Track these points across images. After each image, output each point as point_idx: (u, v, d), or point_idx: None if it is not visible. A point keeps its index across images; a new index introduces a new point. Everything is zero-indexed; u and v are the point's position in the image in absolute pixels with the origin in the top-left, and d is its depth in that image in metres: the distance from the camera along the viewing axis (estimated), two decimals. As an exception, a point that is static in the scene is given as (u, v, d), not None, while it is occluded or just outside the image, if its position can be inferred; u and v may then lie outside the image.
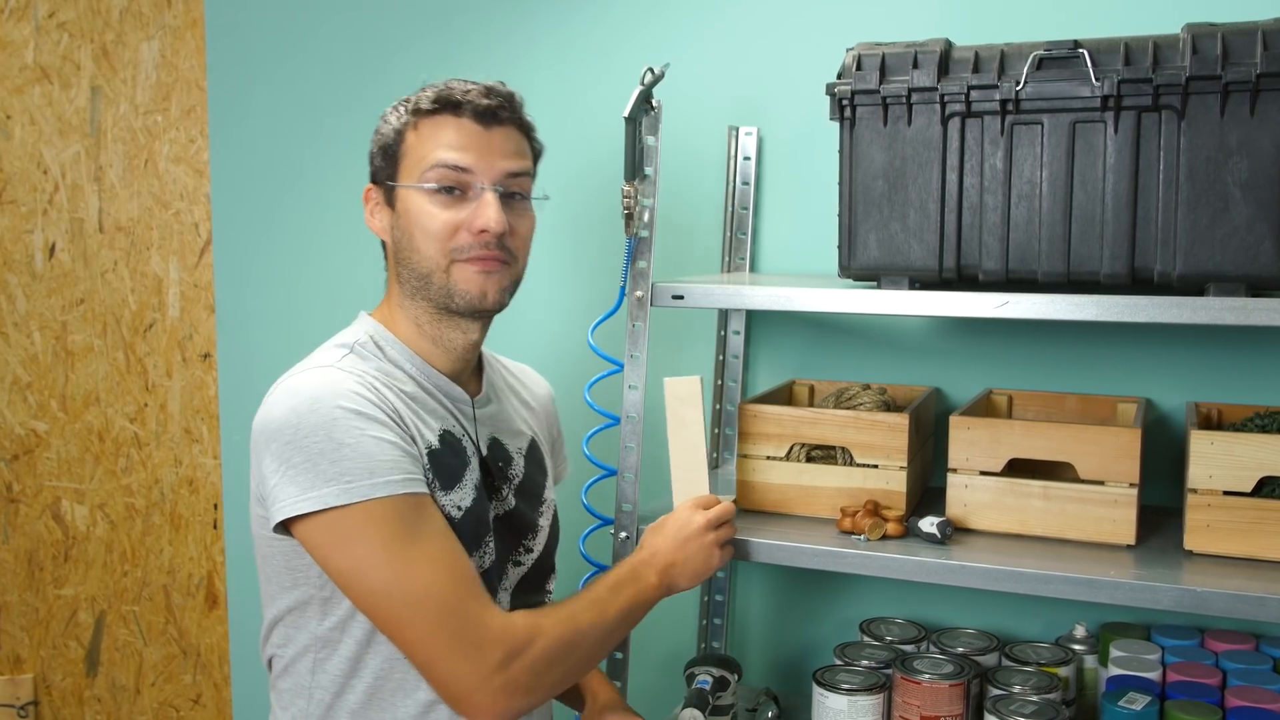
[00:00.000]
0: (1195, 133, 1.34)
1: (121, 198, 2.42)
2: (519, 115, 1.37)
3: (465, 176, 1.31)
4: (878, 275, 1.50)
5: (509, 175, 1.33)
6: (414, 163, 1.32)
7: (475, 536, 1.32)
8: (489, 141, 1.32)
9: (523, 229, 1.37)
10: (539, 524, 1.46)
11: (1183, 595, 1.33)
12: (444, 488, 1.30)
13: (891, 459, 1.57)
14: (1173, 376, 1.71)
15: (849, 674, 1.61)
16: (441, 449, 1.31)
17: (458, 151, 1.30)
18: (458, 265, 1.31)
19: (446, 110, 1.32)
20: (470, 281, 1.32)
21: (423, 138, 1.32)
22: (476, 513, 1.33)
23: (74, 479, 2.50)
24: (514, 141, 1.35)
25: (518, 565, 1.42)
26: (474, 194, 1.31)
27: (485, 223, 1.29)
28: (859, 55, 1.49)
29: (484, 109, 1.32)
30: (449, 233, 1.30)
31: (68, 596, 2.53)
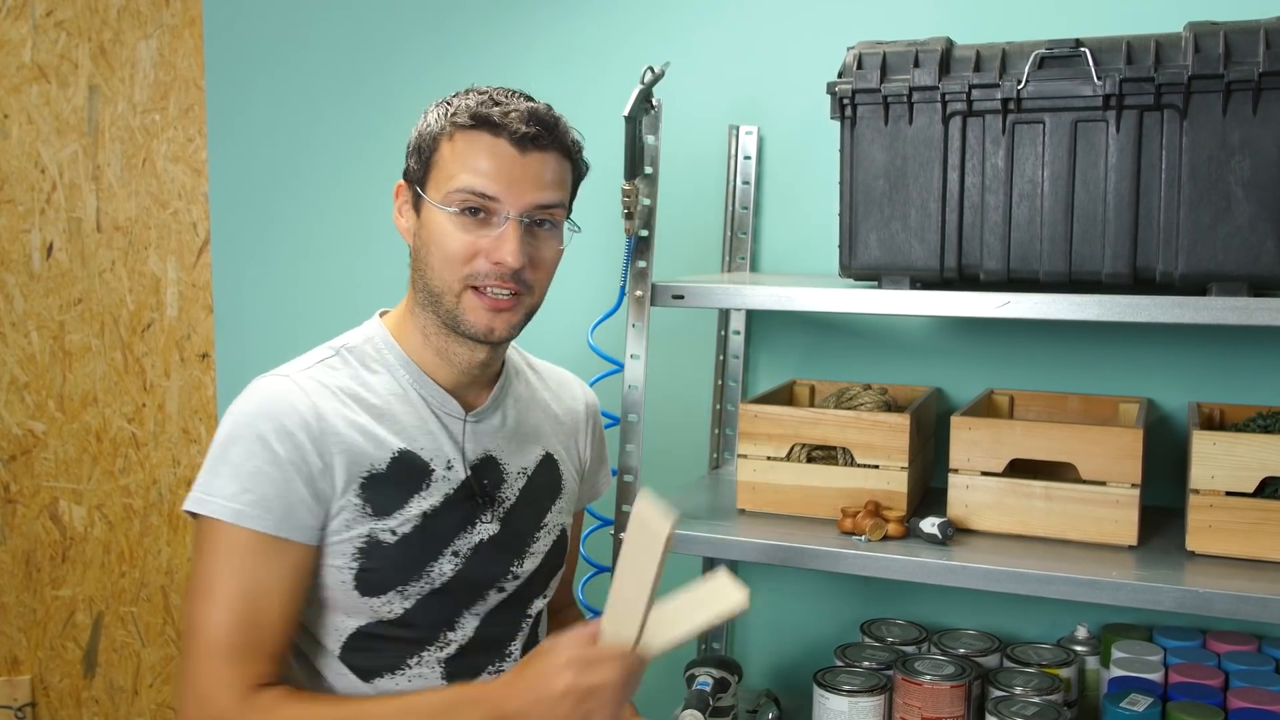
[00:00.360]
0: (1197, 132, 1.34)
1: (119, 197, 2.42)
2: (562, 140, 1.30)
3: (491, 203, 1.25)
4: (879, 275, 1.50)
5: (537, 206, 1.27)
6: (443, 177, 1.27)
7: (419, 560, 1.29)
8: (523, 169, 1.26)
9: (545, 258, 1.31)
10: (529, 549, 1.39)
11: (1185, 596, 1.33)
12: (377, 514, 1.26)
13: (892, 459, 1.57)
14: (1175, 376, 1.71)
15: (850, 675, 1.61)
16: (387, 473, 1.28)
17: (486, 178, 1.25)
18: (470, 293, 1.27)
19: (483, 128, 1.25)
20: (478, 314, 1.27)
21: (456, 152, 1.26)
22: (425, 538, 1.29)
23: (72, 479, 2.49)
24: (550, 169, 1.28)
25: (500, 590, 1.36)
26: (498, 221, 1.26)
27: (503, 256, 1.25)
28: (860, 54, 1.49)
29: (522, 135, 1.25)
30: (466, 257, 1.26)
31: (65, 597, 2.53)
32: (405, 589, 1.28)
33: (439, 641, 1.32)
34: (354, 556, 1.26)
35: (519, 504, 1.38)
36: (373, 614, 1.28)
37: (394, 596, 1.28)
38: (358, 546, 1.26)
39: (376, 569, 1.27)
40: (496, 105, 1.26)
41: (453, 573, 1.31)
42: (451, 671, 1.33)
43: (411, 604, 1.29)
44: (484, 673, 1.35)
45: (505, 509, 1.36)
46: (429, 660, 1.32)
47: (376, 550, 1.26)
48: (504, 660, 1.37)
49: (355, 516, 1.25)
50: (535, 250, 1.29)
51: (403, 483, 1.29)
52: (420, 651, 1.31)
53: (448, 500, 1.31)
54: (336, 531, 1.25)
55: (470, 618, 1.34)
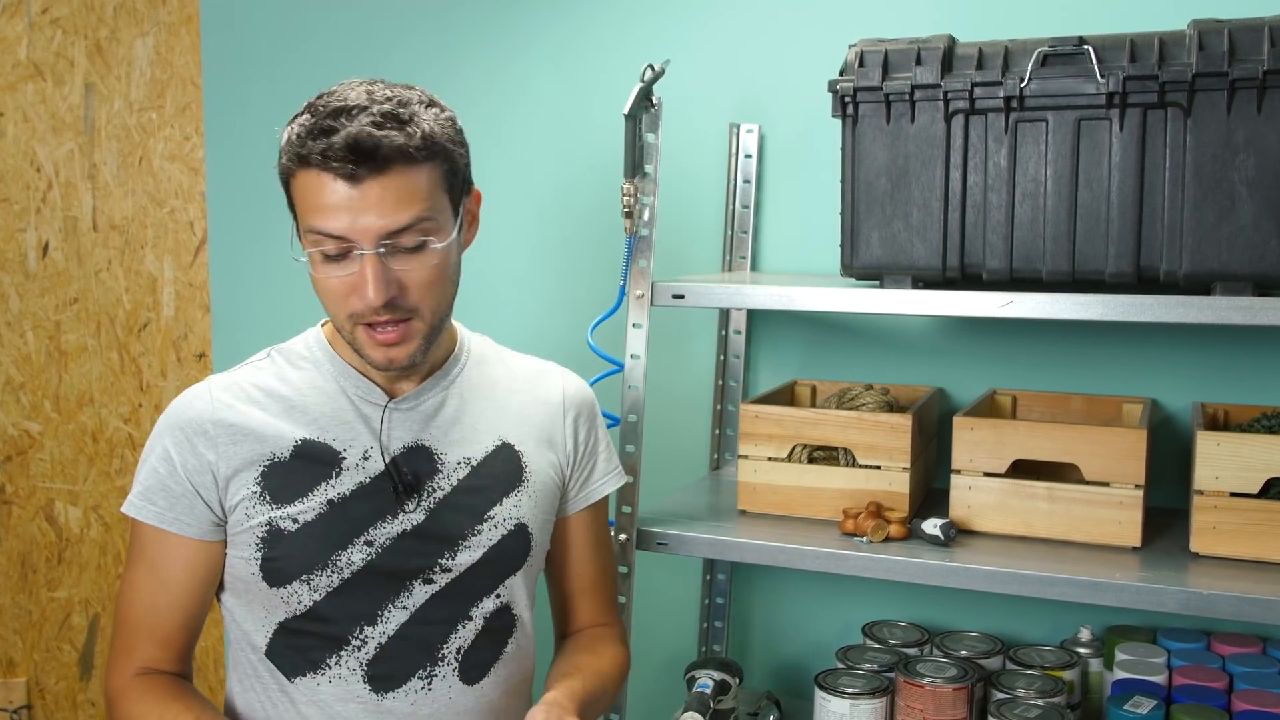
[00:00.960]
0: (1201, 130, 1.34)
1: (115, 196, 2.42)
2: (399, 154, 1.18)
3: (341, 243, 1.20)
4: (880, 274, 1.50)
5: (389, 234, 1.20)
6: (301, 215, 1.24)
7: (324, 548, 1.28)
8: (361, 200, 1.18)
9: (422, 279, 1.23)
10: (465, 542, 1.33)
11: (1189, 598, 1.33)
12: (277, 501, 1.28)
13: (894, 460, 1.57)
14: (1179, 377, 1.71)
15: (851, 677, 1.61)
16: (289, 462, 1.29)
17: (326, 218, 1.19)
18: (360, 329, 1.26)
19: (310, 167, 1.19)
20: (375, 349, 1.26)
21: (299, 192, 1.23)
22: (330, 526, 1.29)
23: (67, 480, 2.50)
24: (395, 190, 1.19)
25: (428, 583, 1.32)
26: (356, 257, 1.21)
27: (364, 296, 1.21)
28: (861, 51, 1.49)
29: (347, 172, 1.17)
30: (343, 296, 1.23)
31: (61, 599, 2.53)
32: (311, 578, 1.28)
33: (357, 638, 1.30)
34: (257, 546, 1.28)
35: (455, 494, 1.34)
36: (285, 607, 1.29)
37: (300, 587, 1.28)
38: (259, 536, 1.28)
39: (279, 557, 1.28)
40: (319, 137, 1.18)
41: (364, 562, 1.29)
42: (373, 675, 1.30)
43: (321, 596, 1.29)
44: (412, 677, 1.31)
45: (436, 499, 1.33)
46: (348, 662, 1.30)
47: (278, 539, 1.28)
48: (436, 664, 1.32)
49: (254, 505, 1.28)
50: (405, 275, 1.22)
51: (306, 471, 1.30)
52: (338, 650, 1.30)
53: (361, 489, 1.30)
54: (239, 523, 1.29)
55: (395, 611, 1.31)
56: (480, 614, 1.35)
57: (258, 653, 1.32)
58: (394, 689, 1.31)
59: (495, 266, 2.08)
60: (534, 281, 2.08)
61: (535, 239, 2.08)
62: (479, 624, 1.35)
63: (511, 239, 2.07)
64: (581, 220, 2.04)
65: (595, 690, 1.37)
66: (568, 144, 2.04)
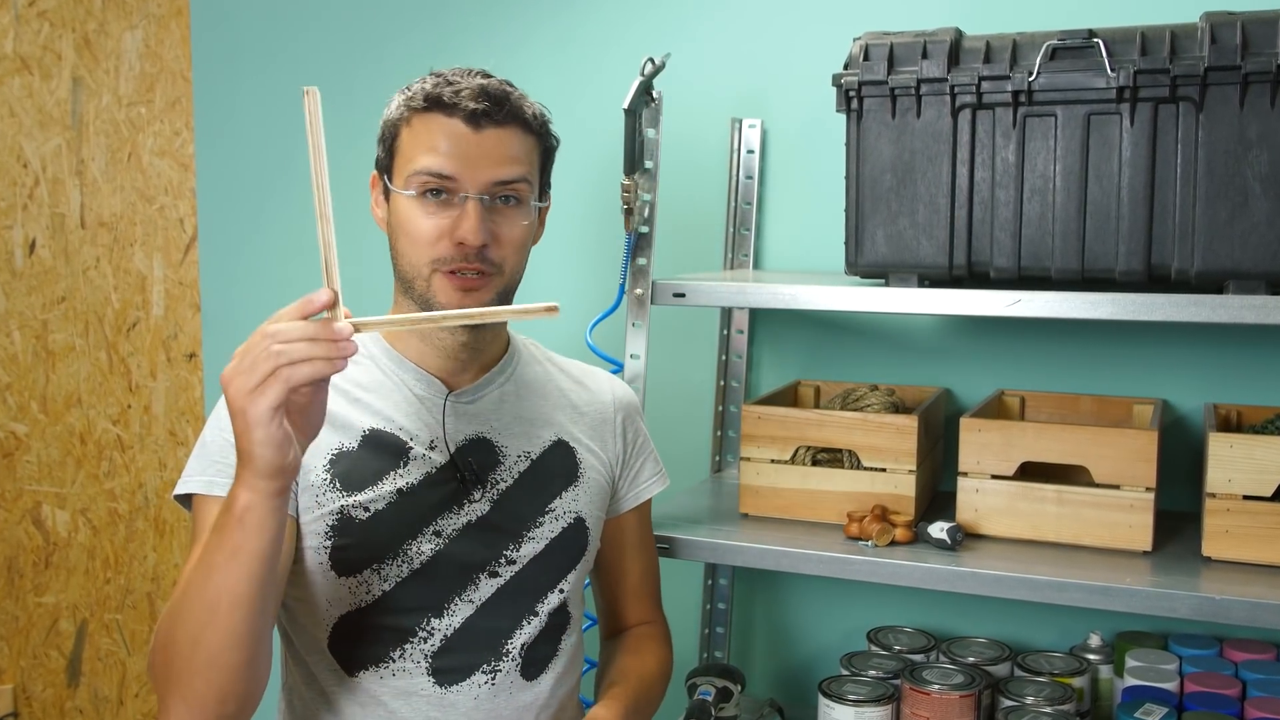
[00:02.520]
0: (1214, 125, 1.34)
1: (104, 192, 2.42)
2: (518, 114, 1.32)
3: (449, 183, 1.29)
4: (885, 272, 1.50)
5: (497, 183, 1.30)
6: (404, 162, 1.32)
7: (395, 537, 1.31)
8: (478, 146, 1.29)
9: (512, 235, 1.32)
10: (528, 533, 1.38)
11: (1201, 603, 1.33)
12: (346, 489, 1.30)
13: (900, 462, 1.57)
14: (1190, 377, 1.71)
15: (856, 685, 1.61)
16: (357, 451, 1.32)
17: (442, 158, 1.28)
18: (439, 276, 1.30)
19: (437, 109, 1.29)
20: (448, 295, 1.30)
21: (414, 136, 1.31)
22: (400, 515, 1.31)
23: (55, 483, 2.50)
24: (508, 145, 1.31)
25: (494, 576, 1.35)
26: (458, 201, 1.29)
27: (462, 235, 1.28)
28: (866, 45, 1.49)
29: (473, 112, 1.28)
30: (431, 240, 1.30)
31: (48, 604, 2.53)
32: (382, 567, 1.30)
33: (424, 629, 1.32)
34: (327, 534, 1.29)
35: (517, 486, 1.38)
36: (352, 597, 1.30)
37: (370, 576, 1.29)
38: (330, 524, 1.29)
39: (350, 545, 1.29)
40: (449, 85, 1.30)
41: (433, 553, 1.31)
42: (438, 668, 1.32)
43: (391, 586, 1.30)
44: (476, 671, 1.33)
45: (500, 491, 1.37)
46: (413, 654, 1.31)
47: (349, 527, 1.29)
48: (500, 659, 1.35)
49: (325, 493, 1.29)
50: (499, 228, 1.31)
51: (375, 460, 1.32)
52: (403, 643, 1.31)
53: (428, 479, 1.33)
54: (309, 509, 1.29)
55: (462, 604, 1.33)
56: (546, 610, 1.39)
57: (318, 648, 1.32)
58: (458, 682, 1.33)
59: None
60: (531, 279, 2.08)
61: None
62: (544, 620, 1.38)
63: (509, 236, 2.07)
64: (580, 217, 2.04)
65: (642, 699, 1.43)
66: (566, 139, 2.02)
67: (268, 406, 1.04)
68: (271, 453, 1.06)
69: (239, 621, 1.12)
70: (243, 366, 1.05)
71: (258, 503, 1.09)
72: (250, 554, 1.10)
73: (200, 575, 1.13)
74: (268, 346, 1.04)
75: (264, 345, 1.04)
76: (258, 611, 1.13)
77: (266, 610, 1.15)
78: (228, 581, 1.11)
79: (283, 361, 1.04)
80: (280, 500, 1.10)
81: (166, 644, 1.16)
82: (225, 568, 1.11)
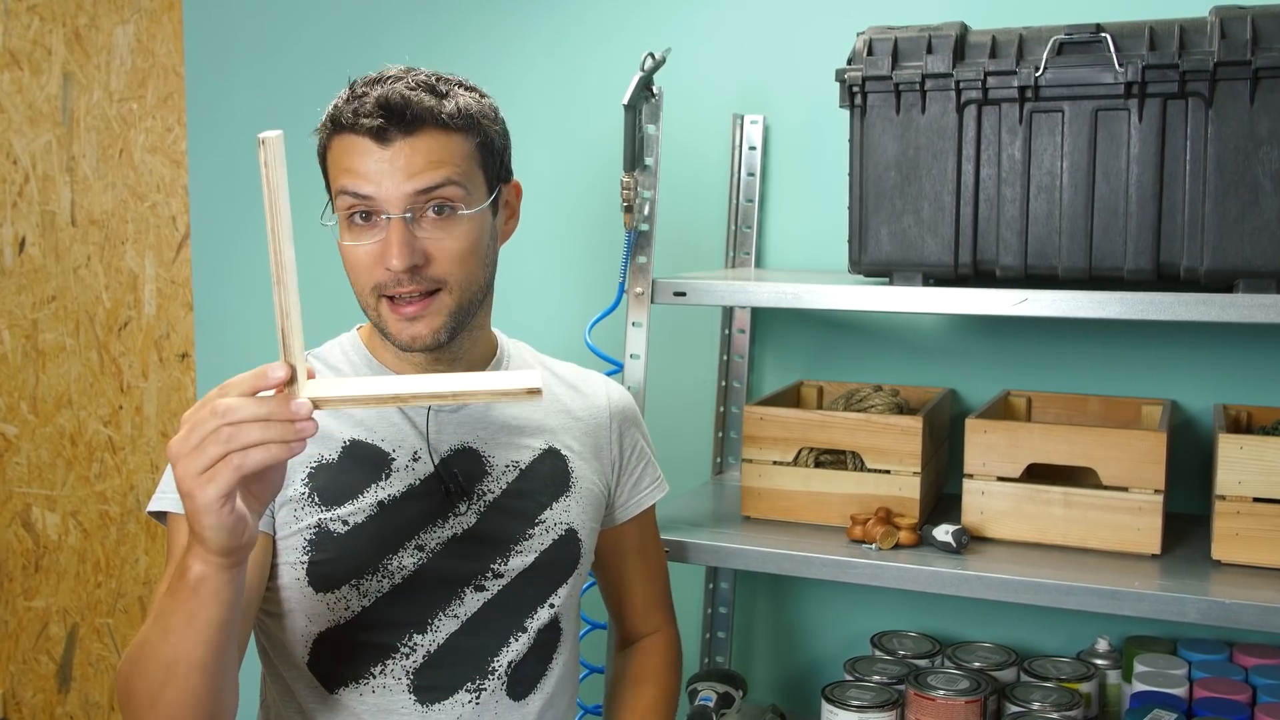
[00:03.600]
0: (1224, 121, 1.34)
1: (95, 189, 2.42)
2: (428, 118, 1.23)
3: (369, 204, 1.23)
4: (890, 271, 1.50)
5: (419, 193, 1.22)
6: (332, 183, 1.27)
7: (375, 551, 1.28)
8: (389, 162, 1.22)
9: (450, 249, 1.25)
10: (515, 546, 1.34)
11: (1210, 607, 1.33)
12: (326, 503, 1.28)
13: (904, 464, 1.57)
14: (1200, 377, 1.71)
15: (859, 690, 1.61)
16: (337, 462, 1.29)
17: (356, 179, 1.22)
18: (384, 303, 1.27)
19: (342, 130, 1.23)
20: (397, 326, 1.27)
21: (334, 159, 1.26)
22: (381, 528, 1.29)
23: (45, 485, 2.50)
24: (425, 152, 1.22)
25: (480, 590, 1.32)
26: (382, 223, 1.23)
27: (387, 261, 1.23)
28: (870, 39, 1.49)
29: (373, 129, 1.21)
30: (367, 266, 1.26)
31: (38, 609, 2.53)
32: (361, 583, 1.28)
33: (405, 646, 1.30)
34: (305, 550, 1.27)
35: (505, 497, 1.35)
36: (331, 614, 1.28)
37: (349, 592, 1.28)
38: (308, 539, 1.27)
39: (327, 561, 1.27)
40: (351, 102, 1.24)
41: (415, 567, 1.30)
42: (419, 685, 1.30)
43: (370, 602, 1.29)
44: (460, 690, 1.31)
45: (487, 502, 1.34)
46: (394, 671, 1.30)
47: (327, 541, 1.27)
48: (485, 677, 1.32)
49: (303, 507, 1.27)
50: (432, 243, 1.24)
51: (356, 472, 1.30)
52: (384, 660, 1.29)
53: (412, 491, 1.31)
54: (286, 524, 1.27)
55: (446, 620, 1.31)
56: (535, 626, 1.36)
57: (297, 669, 1.31)
58: (440, 700, 1.31)
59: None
60: (529, 278, 2.08)
61: (531, 234, 2.08)
62: (532, 636, 1.35)
63: (506, 234, 2.07)
64: (579, 215, 2.04)
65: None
66: (565, 135, 2.04)
67: (216, 495, 0.97)
68: (224, 537, 1.01)
69: (197, 683, 1.09)
70: (189, 444, 0.97)
71: (212, 575, 1.04)
72: (206, 621, 1.07)
73: (157, 634, 1.09)
74: (216, 428, 0.96)
75: (211, 424, 0.96)
76: (215, 672, 1.10)
77: (227, 667, 1.13)
78: (184, 646, 1.08)
79: (234, 447, 0.96)
80: (237, 570, 1.06)
81: (127, 691, 1.14)
82: (181, 633, 1.07)
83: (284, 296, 0.99)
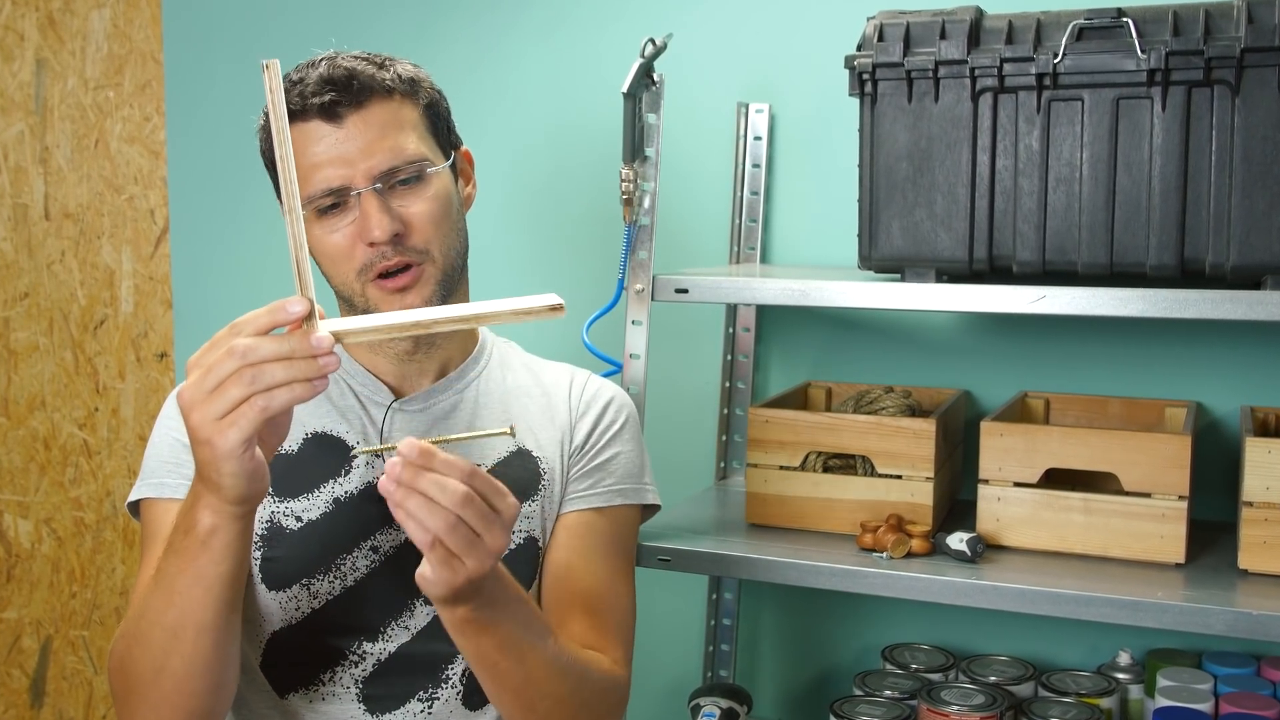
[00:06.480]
0: (1251, 110, 1.34)
1: (69, 181, 2.42)
2: (375, 86, 1.26)
3: (339, 194, 1.26)
4: (901, 267, 1.50)
5: (383, 173, 1.26)
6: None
7: (328, 550, 1.29)
8: (347, 140, 1.25)
9: (425, 214, 1.28)
10: None
11: (1237, 619, 1.33)
12: (280, 495, 1.29)
13: (917, 469, 1.57)
14: (1226, 378, 1.71)
15: (870, 705, 1.61)
16: (298, 454, 1.31)
17: (320, 167, 1.25)
18: (372, 286, 1.28)
19: (295, 120, 1.25)
20: (387, 303, 1.28)
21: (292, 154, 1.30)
22: (335, 526, 1.29)
23: (17, 491, 2.50)
24: (377, 124, 1.26)
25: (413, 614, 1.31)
26: (354, 202, 1.26)
27: (369, 234, 1.25)
28: (881, 24, 1.49)
29: (323, 106, 1.24)
30: (347, 252, 1.27)
31: (10, 620, 2.53)
32: (312, 583, 1.29)
33: (354, 653, 1.30)
34: (257, 545, 1.28)
35: None
36: (282, 613, 1.29)
37: (299, 591, 1.28)
38: (260, 533, 1.28)
39: (279, 558, 1.28)
40: (293, 88, 1.26)
41: (367, 569, 1.30)
42: (369, 695, 1.30)
43: (321, 604, 1.29)
44: (411, 699, 1.31)
45: None
46: (343, 679, 1.30)
47: (279, 537, 1.28)
48: (439, 686, 1.32)
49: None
50: (408, 210, 1.27)
51: (315, 465, 1.31)
52: (334, 666, 1.30)
53: (369, 489, 1.31)
54: None
55: (397, 630, 1.31)
56: None
57: (250, 671, 1.31)
58: (391, 710, 1.31)
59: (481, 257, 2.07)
60: (524, 274, 2.08)
61: (526, 228, 2.08)
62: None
63: (500, 228, 2.07)
64: (576, 208, 2.04)
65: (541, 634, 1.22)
66: (561, 125, 2.04)
67: (239, 439, 0.97)
68: (244, 484, 1.01)
69: (207, 648, 1.10)
70: (205, 388, 0.97)
71: (224, 525, 1.05)
72: (216, 578, 1.07)
73: (161, 599, 1.10)
74: (236, 368, 0.96)
75: (230, 366, 0.96)
76: (225, 634, 1.11)
77: (234, 629, 1.13)
78: (191, 607, 1.08)
79: (257, 388, 0.96)
80: (248, 521, 1.07)
81: (125, 667, 1.14)
82: (189, 593, 1.07)
83: (296, 227, 0.99)
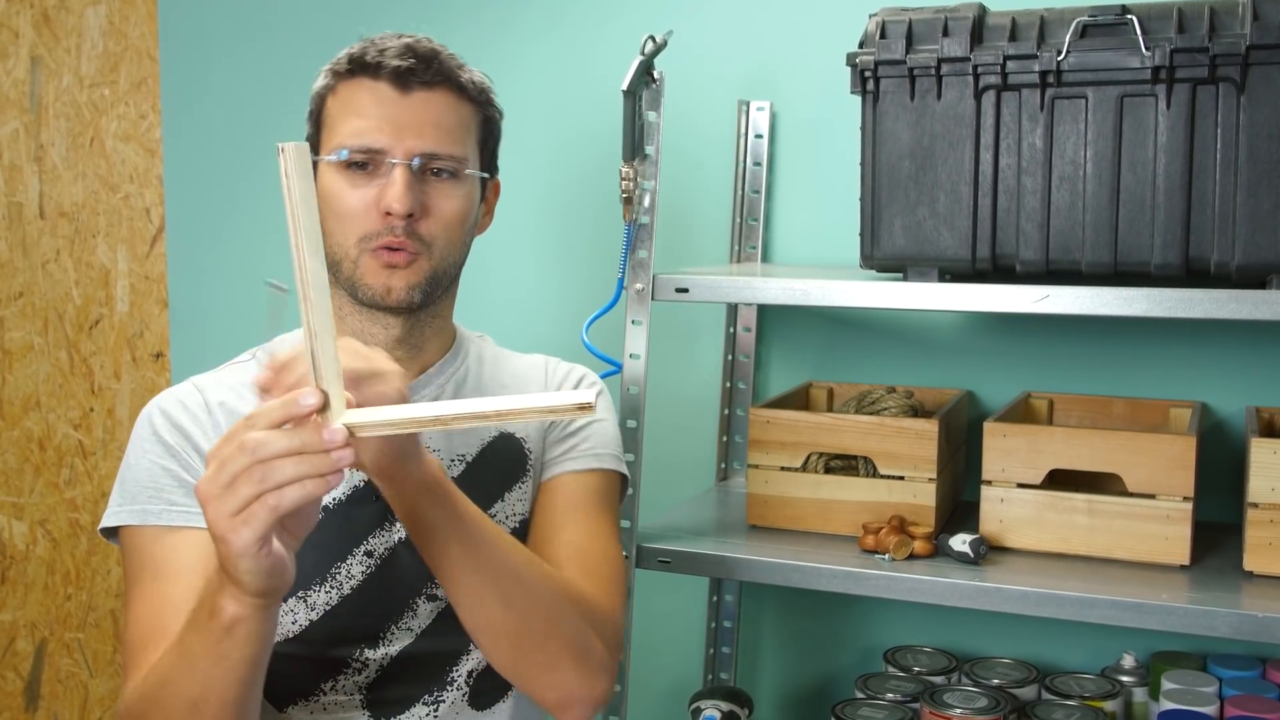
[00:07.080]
0: (1256, 108, 1.34)
1: (65, 180, 2.42)
2: (450, 76, 1.30)
3: (377, 155, 1.27)
4: (904, 266, 1.50)
5: (428, 155, 1.28)
6: (330, 134, 1.30)
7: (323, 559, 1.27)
8: (407, 110, 1.27)
9: (444, 211, 1.29)
10: None
11: (1242, 621, 1.33)
12: None
13: (919, 470, 1.57)
14: (1231, 378, 1.71)
15: (872, 709, 1.61)
16: None
17: (368, 122, 1.27)
18: (367, 256, 1.28)
19: (362, 73, 1.29)
20: (374, 275, 1.28)
21: (339, 104, 1.30)
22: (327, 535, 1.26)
23: (11, 492, 2.50)
24: (438, 110, 1.29)
25: (433, 599, 1.30)
26: (385, 169, 1.27)
27: (388, 203, 1.25)
28: (883, 21, 1.49)
29: (400, 70, 1.27)
30: (358, 214, 1.27)
31: (5, 622, 2.53)
32: (309, 595, 1.27)
33: (356, 662, 1.29)
34: None
35: None
36: (279, 628, 1.25)
37: (296, 605, 1.27)
38: None
39: None
40: (374, 45, 1.29)
41: (364, 575, 1.29)
42: (373, 700, 1.29)
43: (319, 615, 1.27)
44: (417, 703, 1.30)
45: None
46: (346, 686, 1.29)
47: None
48: (445, 688, 1.31)
49: None
50: (430, 200, 1.29)
51: None
52: (335, 675, 1.28)
53: (356, 494, 1.30)
54: None
55: (400, 633, 1.30)
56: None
57: None
58: (396, 714, 1.30)
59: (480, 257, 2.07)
60: (523, 273, 2.08)
61: (525, 227, 2.08)
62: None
63: (498, 227, 2.07)
64: (575, 206, 2.04)
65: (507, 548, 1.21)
66: (561, 123, 2.04)
67: (253, 538, 0.95)
68: (262, 580, 0.99)
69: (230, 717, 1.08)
70: (219, 483, 0.95)
71: (248, 616, 1.02)
72: (241, 660, 1.05)
73: (182, 673, 1.08)
74: (247, 465, 0.93)
75: (242, 462, 0.94)
76: (249, 704, 1.10)
77: (257, 697, 1.12)
78: (215, 685, 1.06)
79: (268, 485, 0.93)
80: (274, 610, 1.05)
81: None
82: (211, 671, 1.06)
83: (312, 315, 0.95)
